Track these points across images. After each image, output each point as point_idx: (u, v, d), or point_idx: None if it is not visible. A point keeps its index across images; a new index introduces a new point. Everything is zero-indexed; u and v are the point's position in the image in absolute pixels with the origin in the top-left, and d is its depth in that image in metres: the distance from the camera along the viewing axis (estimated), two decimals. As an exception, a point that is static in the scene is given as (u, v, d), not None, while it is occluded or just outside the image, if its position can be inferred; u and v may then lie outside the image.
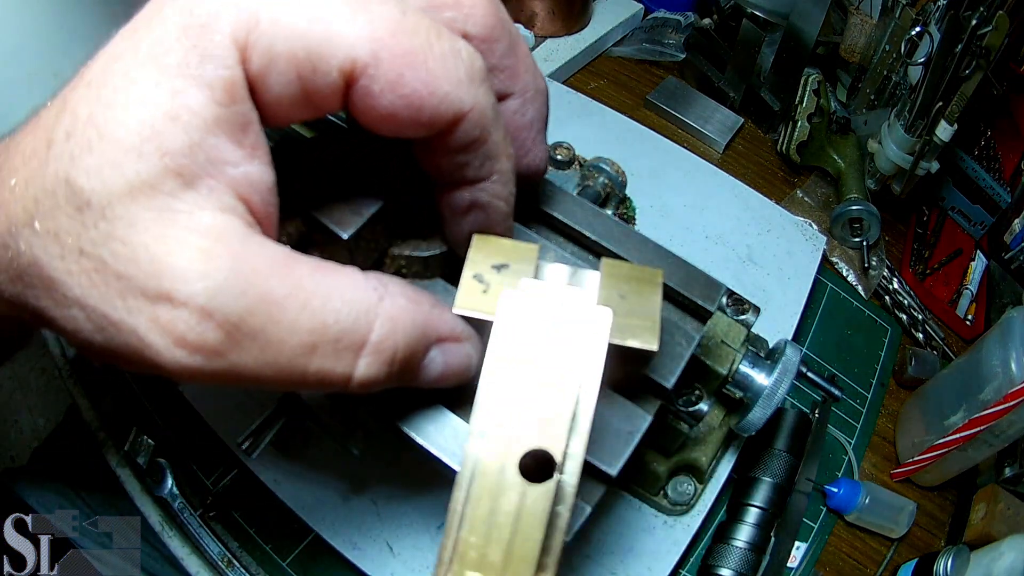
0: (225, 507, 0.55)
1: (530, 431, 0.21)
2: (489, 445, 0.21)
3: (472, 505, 0.20)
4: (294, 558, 0.53)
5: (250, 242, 0.22)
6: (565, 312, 0.24)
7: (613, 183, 0.53)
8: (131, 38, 0.22)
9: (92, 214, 0.20)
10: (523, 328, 0.24)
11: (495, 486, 0.21)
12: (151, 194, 0.21)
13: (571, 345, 0.23)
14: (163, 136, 0.20)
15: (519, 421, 0.22)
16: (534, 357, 0.23)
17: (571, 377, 0.23)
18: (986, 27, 0.57)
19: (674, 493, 0.52)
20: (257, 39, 0.21)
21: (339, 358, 0.23)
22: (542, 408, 0.22)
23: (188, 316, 0.20)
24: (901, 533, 0.59)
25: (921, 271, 0.77)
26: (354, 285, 0.23)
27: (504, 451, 0.21)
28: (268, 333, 0.21)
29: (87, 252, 0.21)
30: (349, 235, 0.30)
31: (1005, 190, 0.76)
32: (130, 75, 0.21)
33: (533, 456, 0.21)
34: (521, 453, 0.21)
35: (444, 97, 0.23)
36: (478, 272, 0.29)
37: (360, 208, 0.30)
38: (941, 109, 0.63)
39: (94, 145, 0.21)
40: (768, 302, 0.63)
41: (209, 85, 0.21)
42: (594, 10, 0.93)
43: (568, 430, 0.22)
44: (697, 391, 0.43)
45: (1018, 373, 0.52)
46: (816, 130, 0.78)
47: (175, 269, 0.20)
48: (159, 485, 0.57)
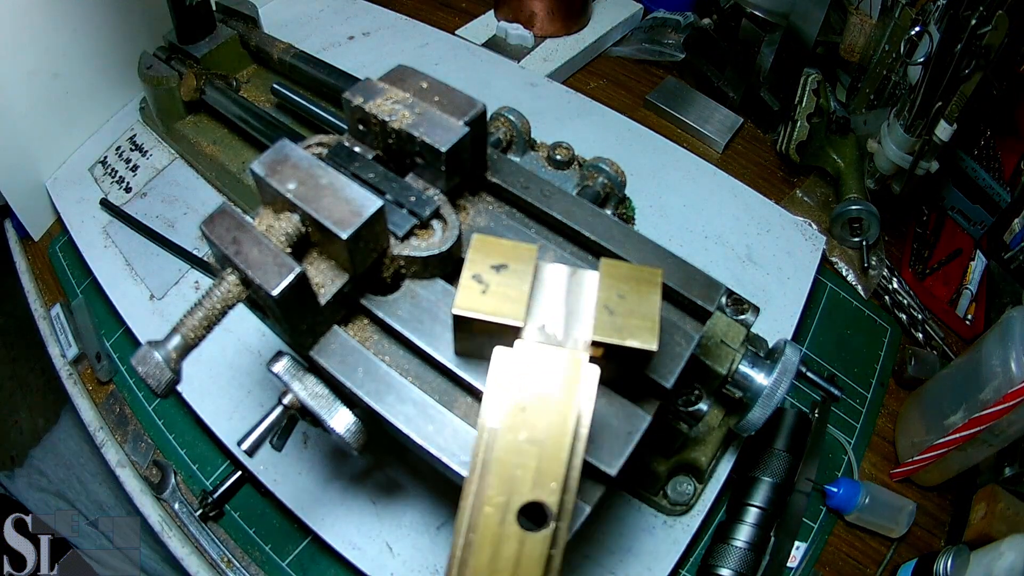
0: (225, 507, 0.55)
1: (526, 484, 0.22)
2: (488, 497, 0.22)
3: (475, 553, 0.21)
4: (294, 558, 0.53)
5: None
6: (555, 369, 0.25)
7: (613, 183, 0.53)
8: None
9: None
10: (516, 385, 0.24)
11: (496, 536, 0.22)
12: None
13: (561, 402, 0.24)
14: None
15: (516, 475, 0.22)
16: (527, 413, 0.24)
17: (564, 433, 0.23)
18: (986, 27, 0.57)
19: (674, 493, 0.52)
20: None
21: None
22: (538, 462, 0.23)
23: None
24: (901, 533, 0.59)
25: (921, 271, 0.77)
26: None
27: (505, 503, 0.22)
28: None
29: None
30: (349, 235, 0.30)
31: (1005, 190, 0.76)
32: None
33: (529, 506, 0.22)
34: (520, 505, 0.22)
35: None
36: (477, 272, 0.29)
37: (360, 208, 0.30)
38: (941, 109, 0.63)
39: None
40: (768, 302, 0.63)
41: None
42: (594, 10, 0.93)
43: (563, 483, 0.22)
44: (697, 391, 0.43)
45: (1018, 373, 0.52)
46: (816, 130, 0.78)
47: None
48: (159, 485, 0.57)
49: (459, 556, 0.21)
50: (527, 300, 0.28)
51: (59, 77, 0.69)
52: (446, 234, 0.34)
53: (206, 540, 0.54)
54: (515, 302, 0.28)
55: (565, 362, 0.25)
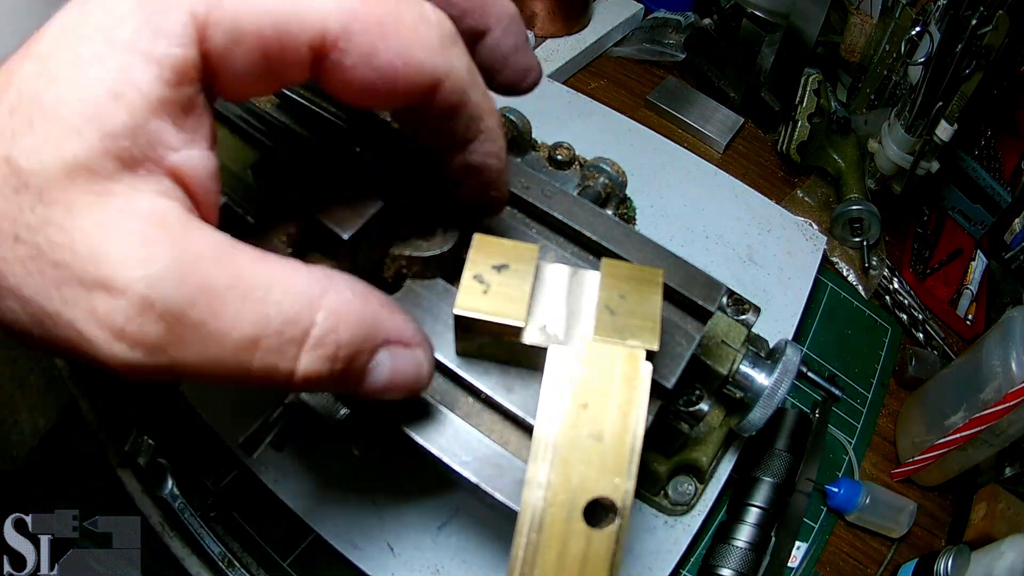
0: (225, 507, 0.55)
1: (591, 481, 0.23)
2: (554, 495, 0.22)
3: (543, 553, 0.21)
4: (294, 558, 0.53)
5: (190, 228, 0.21)
6: (613, 365, 0.25)
7: (613, 183, 0.53)
8: (83, 10, 0.21)
9: (29, 197, 0.19)
10: (572, 380, 0.25)
11: (562, 534, 0.22)
12: (89, 176, 0.19)
13: (622, 397, 0.24)
14: (104, 116, 0.19)
15: (580, 472, 0.23)
16: (588, 409, 0.24)
17: (626, 429, 0.23)
18: (986, 27, 0.57)
19: (675, 493, 0.52)
20: (220, 17, 0.20)
21: (282, 353, 0.21)
22: (600, 458, 0.23)
23: (127, 307, 0.19)
24: (901, 533, 0.59)
25: (921, 271, 0.77)
26: (296, 276, 0.22)
27: (570, 500, 0.22)
28: (210, 327, 0.20)
29: (22, 238, 0.19)
30: (349, 235, 0.29)
31: (1005, 190, 0.76)
32: (78, 49, 0.20)
33: (594, 503, 0.22)
34: (585, 502, 0.22)
35: (419, 66, 0.22)
36: (478, 272, 0.29)
37: (360, 208, 0.30)
38: (941, 109, 0.63)
39: (36, 123, 0.20)
40: (768, 302, 0.63)
41: (159, 63, 0.20)
42: (594, 10, 0.93)
43: (626, 478, 0.23)
44: (697, 391, 0.43)
45: (1018, 373, 0.52)
46: (816, 130, 0.78)
47: (113, 256, 0.19)
48: (159, 485, 0.56)
49: (522, 557, 0.21)
50: (528, 300, 0.28)
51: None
52: (447, 234, 0.34)
53: (207, 540, 0.54)
54: (516, 302, 0.28)
55: (623, 358, 0.25)
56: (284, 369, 0.22)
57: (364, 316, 0.23)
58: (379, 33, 0.21)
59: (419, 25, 0.22)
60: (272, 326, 0.21)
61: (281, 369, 0.22)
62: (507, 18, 0.28)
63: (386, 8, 0.21)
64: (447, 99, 0.24)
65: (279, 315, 0.21)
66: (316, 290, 0.22)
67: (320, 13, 0.21)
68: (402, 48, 0.22)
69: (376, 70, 0.22)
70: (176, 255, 0.20)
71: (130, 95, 0.20)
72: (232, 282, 0.20)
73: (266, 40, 0.21)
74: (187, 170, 0.21)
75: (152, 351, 0.20)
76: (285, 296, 0.21)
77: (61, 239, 0.19)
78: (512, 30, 0.29)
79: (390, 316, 0.25)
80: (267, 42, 0.21)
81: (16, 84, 0.20)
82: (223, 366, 0.21)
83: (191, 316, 0.20)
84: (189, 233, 0.21)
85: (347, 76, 0.22)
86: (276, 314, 0.21)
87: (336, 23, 0.21)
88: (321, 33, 0.21)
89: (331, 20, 0.21)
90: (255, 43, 0.21)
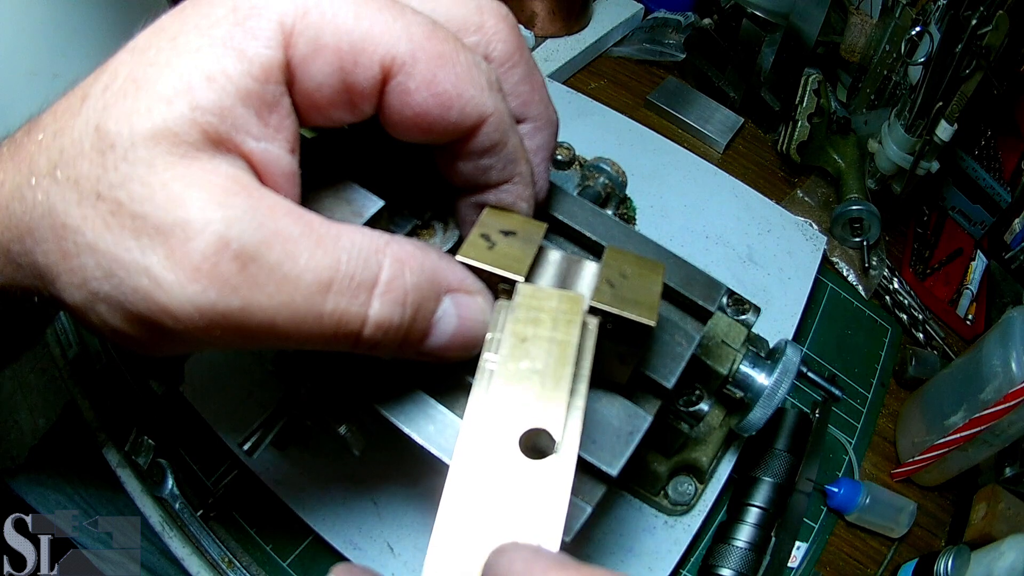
0: (225, 507, 0.55)
1: (529, 411, 0.23)
2: (491, 425, 0.23)
3: (477, 486, 0.21)
4: (294, 558, 0.53)
5: (264, 190, 0.22)
6: (555, 307, 0.26)
7: (613, 183, 0.53)
8: (179, 16, 0.23)
9: (114, 156, 0.21)
10: (514, 318, 0.26)
11: (497, 465, 0.22)
12: (174, 140, 0.21)
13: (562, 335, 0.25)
14: (195, 92, 0.21)
15: (519, 402, 0.23)
16: (527, 343, 0.25)
17: (564, 363, 0.24)
18: (986, 27, 0.57)
19: (675, 493, 0.52)
20: (305, 28, 0.22)
21: (354, 296, 0.23)
22: (540, 389, 0.23)
23: (204, 245, 0.20)
24: (901, 533, 0.59)
25: (921, 271, 0.77)
26: (360, 231, 0.24)
27: (507, 431, 0.23)
28: (285, 268, 0.21)
29: (104, 195, 0.21)
30: None
31: (1005, 190, 0.76)
32: (175, 40, 0.22)
33: (533, 433, 0.23)
34: (522, 432, 0.23)
35: (471, 99, 0.25)
36: (486, 232, 0.29)
37: (361, 208, 0.30)
38: (941, 109, 0.63)
39: (129, 95, 0.21)
40: (768, 302, 0.63)
41: (249, 59, 0.22)
42: (594, 10, 0.93)
43: (565, 414, 0.23)
44: (697, 391, 0.43)
45: (1018, 373, 0.52)
46: (816, 130, 0.78)
47: (193, 201, 0.21)
48: (159, 485, 0.56)
49: (456, 490, 0.22)
50: (530, 263, 0.29)
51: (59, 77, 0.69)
52: (447, 234, 0.34)
53: (207, 540, 0.54)
54: (518, 262, 0.28)
55: (565, 302, 0.26)
56: (356, 314, 0.23)
57: (426, 265, 0.25)
58: (439, 64, 0.24)
59: (472, 66, 0.25)
60: (344, 270, 0.22)
61: (353, 314, 0.23)
62: (544, 120, 0.30)
63: (447, 47, 0.24)
64: (490, 137, 0.26)
65: (350, 260, 0.23)
66: (380, 241, 0.24)
67: (392, 39, 0.23)
68: (457, 81, 0.24)
69: (435, 96, 0.24)
70: (252, 204, 0.21)
71: (221, 80, 0.21)
72: (304, 230, 0.22)
73: (343, 54, 0.23)
74: (264, 160, 0.23)
75: (225, 291, 0.21)
76: (353, 245, 0.23)
77: (142, 192, 0.21)
78: (543, 133, 0.31)
79: (450, 267, 0.26)
80: (343, 56, 0.23)
81: (111, 70, 0.23)
82: (296, 311, 0.22)
83: (266, 257, 0.21)
84: (263, 192, 0.22)
85: (409, 99, 0.24)
86: (347, 259, 0.23)
87: (404, 49, 0.23)
88: (392, 55, 0.23)
89: (400, 46, 0.23)
90: (333, 55, 0.23)
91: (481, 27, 0.27)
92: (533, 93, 0.29)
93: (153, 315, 0.21)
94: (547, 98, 0.30)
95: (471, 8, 0.27)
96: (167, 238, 0.20)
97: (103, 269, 0.21)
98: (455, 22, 0.27)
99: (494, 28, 0.27)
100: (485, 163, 0.27)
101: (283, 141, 0.24)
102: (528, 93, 0.29)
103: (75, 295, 0.22)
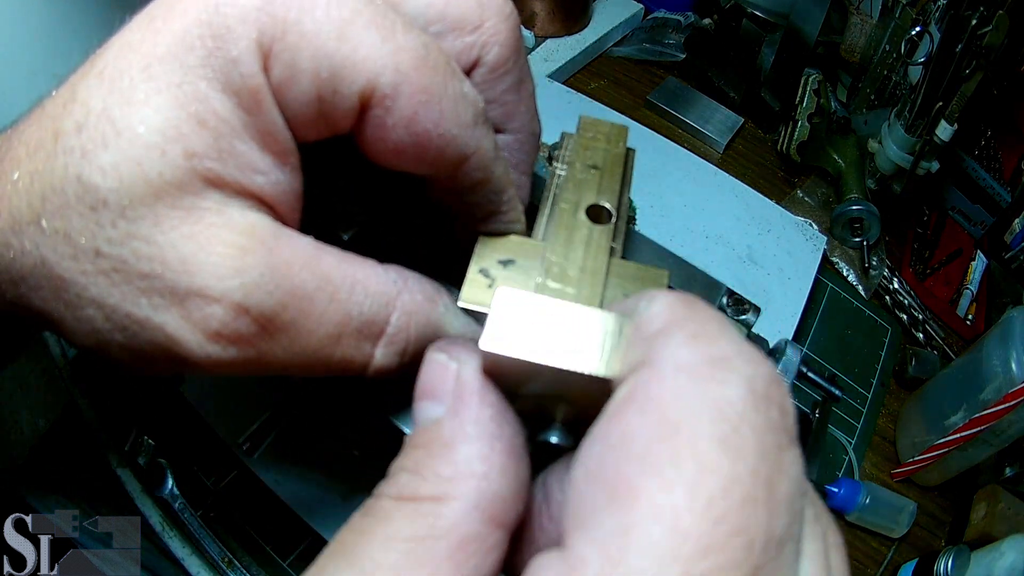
0: (225, 507, 0.55)
1: (592, 192, 0.30)
2: (564, 199, 0.30)
3: (553, 234, 0.28)
4: (294, 558, 0.53)
5: (280, 237, 0.22)
6: (603, 129, 0.36)
7: (613, 183, 0.53)
8: (148, 27, 0.21)
9: (109, 213, 0.20)
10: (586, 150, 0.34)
11: (570, 224, 0.28)
12: (177, 194, 0.20)
13: (616, 150, 0.34)
14: (189, 138, 0.20)
15: (584, 186, 0.30)
16: (589, 151, 0.34)
17: (619, 163, 0.33)
18: (986, 27, 0.57)
19: (674, 493, 0.52)
20: (281, 50, 0.20)
21: (360, 347, 0.23)
22: (599, 180, 0.31)
23: (223, 313, 0.20)
24: (901, 533, 0.59)
25: (921, 271, 0.77)
26: (376, 278, 0.23)
27: (576, 202, 0.29)
28: (299, 325, 0.22)
29: (104, 253, 0.20)
30: (350, 236, 0.29)
31: (1005, 190, 0.76)
32: (150, 70, 0.20)
33: (595, 207, 0.29)
34: (587, 205, 0.29)
35: (452, 140, 0.23)
36: (484, 266, 0.29)
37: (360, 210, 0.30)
38: (941, 109, 0.63)
39: (109, 141, 0.20)
40: (768, 302, 0.63)
41: (236, 92, 0.20)
42: (594, 10, 0.93)
43: (618, 196, 0.30)
44: (697, 391, 0.43)
45: (1018, 373, 0.52)
46: (816, 130, 0.78)
47: (207, 266, 0.20)
48: (159, 485, 0.56)
49: (543, 230, 0.29)
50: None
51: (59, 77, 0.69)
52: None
53: (207, 540, 0.54)
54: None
55: (615, 130, 0.35)
56: (360, 362, 0.24)
57: (432, 318, 0.25)
58: (423, 101, 0.22)
59: (459, 101, 0.23)
60: (353, 324, 0.23)
61: (357, 362, 0.24)
62: (527, 133, 0.29)
63: (433, 79, 0.22)
64: (470, 176, 0.25)
65: (360, 315, 0.23)
66: (392, 291, 0.24)
67: (375, 67, 0.21)
68: (439, 119, 0.23)
69: (413, 135, 0.22)
70: (269, 263, 0.21)
71: (213, 122, 0.20)
72: (320, 284, 0.22)
73: (321, 82, 0.21)
74: (274, 193, 0.22)
75: (243, 348, 0.21)
76: (366, 297, 0.23)
77: (149, 251, 0.20)
78: (524, 147, 0.29)
79: (452, 321, 0.27)
80: (322, 84, 0.21)
81: (81, 100, 0.21)
82: (306, 358, 0.22)
83: (283, 317, 0.21)
84: (279, 241, 0.21)
85: (385, 134, 0.23)
86: (358, 314, 0.23)
87: (387, 81, 0.21)
88: (372, 85, 0.21)
89: (384, 76, 0.21)
90: (311, 83, 0.21)
91: (479, 26, 0.25)
92: (519, 104, 0.28)
93: (170, 361, 0.21)
94: (533, 109, 0.29)
95: (472, 3, 0.25)
96: (182, 301, 0.20)
97: (113, 323, 0.21)
98: (453, 18, 0.25)
99: (493, 28, 0.26)
100: (469, 199, 0.26)
101: (286, 166, 0.22)
102: (513, 103, 0.28)
103: (84, 340, 0.21)
